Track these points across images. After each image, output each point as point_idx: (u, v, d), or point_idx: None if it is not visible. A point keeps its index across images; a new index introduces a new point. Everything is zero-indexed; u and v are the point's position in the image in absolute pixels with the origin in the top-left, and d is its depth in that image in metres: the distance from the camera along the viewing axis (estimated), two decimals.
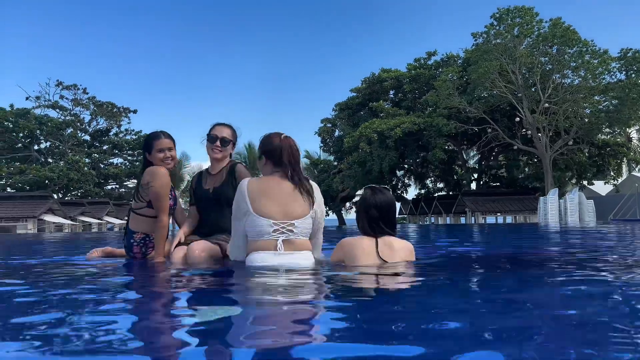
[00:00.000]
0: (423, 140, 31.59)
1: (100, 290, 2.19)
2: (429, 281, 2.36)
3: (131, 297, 2.06)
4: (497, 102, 28.83)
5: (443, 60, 35.79)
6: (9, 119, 39.17)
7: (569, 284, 2.25)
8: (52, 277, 2.87)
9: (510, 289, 2.17)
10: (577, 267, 2.96)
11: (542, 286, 2.23)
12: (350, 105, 38.82)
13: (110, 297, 2.00)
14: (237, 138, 3.78)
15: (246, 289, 2.26)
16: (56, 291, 2.20)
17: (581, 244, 5.55)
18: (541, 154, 28.47)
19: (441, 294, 2.04)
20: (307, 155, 46.72)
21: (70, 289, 2.29)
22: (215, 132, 3.65)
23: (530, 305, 1.71)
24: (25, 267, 3.45)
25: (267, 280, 2.36)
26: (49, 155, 43.13)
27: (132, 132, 45.65)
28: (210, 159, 3.72)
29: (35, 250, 5.93)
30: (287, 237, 2.78)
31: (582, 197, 24.82)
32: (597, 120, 27.70)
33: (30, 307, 1.77)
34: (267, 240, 2.77)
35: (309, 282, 2.38)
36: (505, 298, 1.91)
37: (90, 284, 2.42)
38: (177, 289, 2.32)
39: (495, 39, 27.73)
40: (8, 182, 38.39)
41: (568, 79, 28.32)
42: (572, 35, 26.54)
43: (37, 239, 10.48)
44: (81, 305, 1.79)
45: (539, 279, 2.50)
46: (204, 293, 2.17)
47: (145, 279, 2.83)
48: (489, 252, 4.57)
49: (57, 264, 3.79)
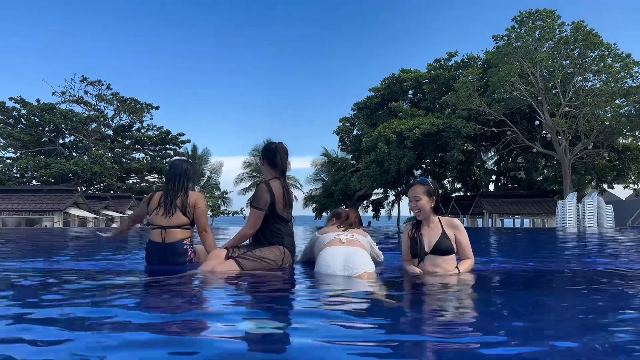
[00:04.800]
0: (441, 141, 31.74)
1: (160, 301, 2.60)
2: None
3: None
4: (516, 105, 28.83)
5: (463, 62, 35.82)
6: (35, 113, 40.15)
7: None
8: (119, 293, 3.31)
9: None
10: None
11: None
12: (369, 105, 39.07)
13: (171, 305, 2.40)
14: (261, 153, 4.28)
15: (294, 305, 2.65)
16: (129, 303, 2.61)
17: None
18: (560, 158, 28.42)
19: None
20: (325, 154, 47.14)
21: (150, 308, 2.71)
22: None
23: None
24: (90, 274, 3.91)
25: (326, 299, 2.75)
26: (73, 149, 44.13)
27: (154, 128, 46.50)
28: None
29: (88, 252, 6.39)
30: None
31: (601, 201, 24.72)
32: (617, 124, 27.58)
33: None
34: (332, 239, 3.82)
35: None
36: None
37: (153, 296, 2.84)
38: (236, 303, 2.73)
39: (517, 41, 27.73)
40: (34, 174, 39.45)
41: (589, 82, 28.21)
42: (594, 39, 26.43)
43: (77, 237, 11.01)
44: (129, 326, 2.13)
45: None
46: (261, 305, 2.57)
47: (216, 291, 3.24)
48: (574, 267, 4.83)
49: (118, 272, 4.25)
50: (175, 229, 4.22)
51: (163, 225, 4.21)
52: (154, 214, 4.27)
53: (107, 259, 5.10)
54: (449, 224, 3.63)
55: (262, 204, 3.87)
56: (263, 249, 3.85)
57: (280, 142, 4.12)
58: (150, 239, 4.26)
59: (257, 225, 3.91)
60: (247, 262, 3.74)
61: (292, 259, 4.03)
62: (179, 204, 4.24)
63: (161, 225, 4.21)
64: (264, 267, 3.77)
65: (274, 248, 3.88)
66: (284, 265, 3.91)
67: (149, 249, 4.28)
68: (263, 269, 3.76)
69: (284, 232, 3.95)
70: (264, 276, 3.49)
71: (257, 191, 3.95)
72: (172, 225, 4.22)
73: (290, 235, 4.03)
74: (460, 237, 3.59)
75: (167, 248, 4.19)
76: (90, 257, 5.39)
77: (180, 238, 4.23)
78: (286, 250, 3.94)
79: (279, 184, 3.97)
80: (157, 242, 4.20)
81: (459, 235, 3.59)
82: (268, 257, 3.81)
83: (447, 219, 3.68)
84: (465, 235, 3.61)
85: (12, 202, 29.33)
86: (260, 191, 3.91)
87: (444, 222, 3.64)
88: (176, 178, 4.35)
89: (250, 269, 3.71)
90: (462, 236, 3.59)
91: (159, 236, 4.21)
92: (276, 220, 3.93)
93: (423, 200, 3.58)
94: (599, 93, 26.77)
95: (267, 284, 3.21)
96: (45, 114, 40.11)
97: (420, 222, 3.67)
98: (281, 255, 3.89)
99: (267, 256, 3.81)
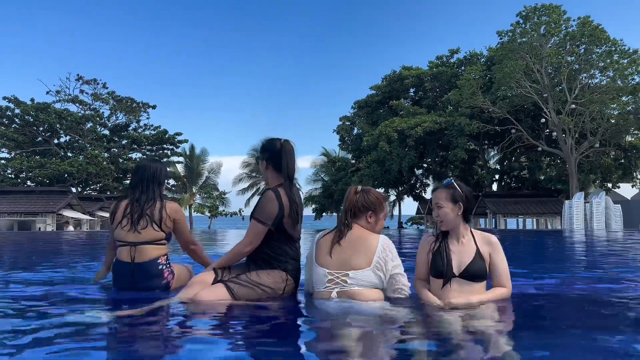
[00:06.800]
0: (444, 139, 31.04)
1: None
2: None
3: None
4: (521, 102, 28.15)
5: (466, 59, 35.17)
6: (29, 113, 39.42)
7: None
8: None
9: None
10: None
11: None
12: (369, 103, 38.39)
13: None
14: (261, 154, 3.35)
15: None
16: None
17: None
18: (566, 156, 27.74)
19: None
20: (325, 153, 46.45)
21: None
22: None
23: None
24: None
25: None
26: (68, 150, 43.37)
27: (150, 128, 45.70)
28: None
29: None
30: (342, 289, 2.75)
31: (609, 201, 24.05)
32: (625, 122, 26.92)
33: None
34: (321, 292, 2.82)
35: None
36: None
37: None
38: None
39: (521, 37, 27.05)
40: (28, 175, 38.74)
41: (595, 79, 27.54)
42: (600, 34, 25.77)
43: (56, 242, 10.35)
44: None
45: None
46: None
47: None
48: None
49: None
50: (147, 245, 3.45)
51: (131, 241, 3.45)
52: (119, 228, 3.52)
53: (68, 277, 4.34)
54: (484, 241, 2.86)
55: (266, 217, 3.05)
56: (261, 273, 3.05)
57: (286, 139, 3.26)
58: (117, 258, 3.50)
59: (256, 242, 3.09)
60: (240, 289, 2.94)
61: (295, 287, 3.21)
62: (151, 215, 3.47)
63: (129, 242, 3.46)
64: (260, 296, 2.99)
65: (274, 273, 3.07)
66: (285, 296, 3.11)
67: (117, 270, 3.50)
68: (259, 298, 2.98)
69: (289, 255, 3.15)
70: (264, 309, 2.77)
71: (262, 200, 3.12)
72: (143, 240, 3.45)
73: (296, 259, 3.20)
74: (496, 259, 2.82)
75: (137, 269, 3.41)
76: (46, 279, 4.63)
77: (154, 256, 3.44)
78: (289, 277, 3.12)
79: (287, 192, 3.14)
80: (125, 262, 3.42)
81: (495, 256, 2.83)
82: (266, 284, 3.01)
83: (482, 234, 2.90)
84: (503, 257, 2.85)
85: (4, 203, 28.58)
86: (266, 200, 3.09)
87: (478, 238, 2.87)
88: (144, 183, 3.56)
89: (244, 297, 2.93)
90: (499, 258, 2.83)
91: (127, 255, 3.43)
92: (282, 238, 3.13)
93: (446, 208, 2.83)
94: (605, 90, 26.09)
95: (270, 323, 2.50)
96: (40, 113, 39.40)
97: (447, 232, 2.90)
98: (283, 283, 3.08)
99: (266, 283, 3.01)
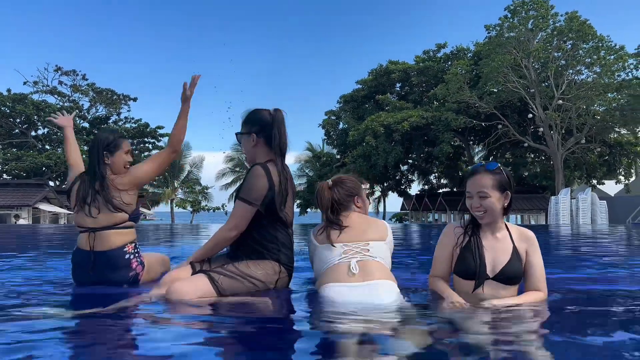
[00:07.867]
0: (430, 134, 30.76)
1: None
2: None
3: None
4: (508, 98, 27.97)
5: (453, 53, 34.92)
6: (6, 104, 38.20)
7: None
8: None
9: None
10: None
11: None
12: (355, 97, 37.95)
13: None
14: (248, 127, 2.76)
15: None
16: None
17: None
18: (552, 152, 27.66)
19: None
20: (309, 148, 45.93)
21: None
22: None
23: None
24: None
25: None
26: (46, 142, 42.22)
27: (132, 120, 44.66)
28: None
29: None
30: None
31: (595, 197, 24.07)
32: (611, 118, 26.91)
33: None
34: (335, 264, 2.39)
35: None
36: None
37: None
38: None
39: (509, 32, 26.84)
40: (4, 168, 37.57)
41: (582, 75, 27.49)
42: (588, 30, 25.66)
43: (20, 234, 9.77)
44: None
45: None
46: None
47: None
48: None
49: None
50: (107, 230, 2.89)
51: (89, 226, 2.91)
52: (75, 212, 2.99)
53: (21, 269, 3.75)
54: (521, 237, 2.37)
55: (254, 196, 2.53)
56: (250, 263, 2.54)
57: (276, 108, 2.72)
58: (77, 246, 2.96)
59: (242, 226, 2.57)
60: (225, 281, 2.42)
61: (288, 281, 2.71)
62: (102, 194, 2.90)
63: (87, 227, 2.92)
64: (248, 290, 2.47)
65: (266, 264, 2.57)
66: (277, 288, 2.61)
67: (75, 260, 2.95)
68: (247, 292, 2.46)
69: (281, 242, 2.64)
70: (253, 306, 2.28)
71: (249, 176, 2.59)
72: (103, 225, 2.90)
73: (289, 247, 2.70)
74: (533, 259, 2.33)
75: (98, 259, 2.87)
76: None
77: (119, 244, 2.90)
78: (283, 268, 2.62)
79: (278, 169, 2.62)
80: (84, 250, 2.89)
81: (532, 255, 2.34)
82: (256, 277, 2.50)
83: (519, 229, 2.40)
84: (540, 256, 2.36)
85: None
86: (254, 177, 2.56)
87: (515, 233, 2.38)
88: (92, 158, 2.98)
89: (230, 291, 2.42)
90: (537, 257, 2.34)
91: (86, 242, 2.89)
92: (272, 222, 2.62)
93: (493, 197, 2.29)
94: (592, 86, 26.03)
95: (263, 325, 2.00)
96: (17, 104, 38.21)
97: (479, 225, 2.40)
98: (275, 275, 2.59)
99: (255, 275, 2.50)
